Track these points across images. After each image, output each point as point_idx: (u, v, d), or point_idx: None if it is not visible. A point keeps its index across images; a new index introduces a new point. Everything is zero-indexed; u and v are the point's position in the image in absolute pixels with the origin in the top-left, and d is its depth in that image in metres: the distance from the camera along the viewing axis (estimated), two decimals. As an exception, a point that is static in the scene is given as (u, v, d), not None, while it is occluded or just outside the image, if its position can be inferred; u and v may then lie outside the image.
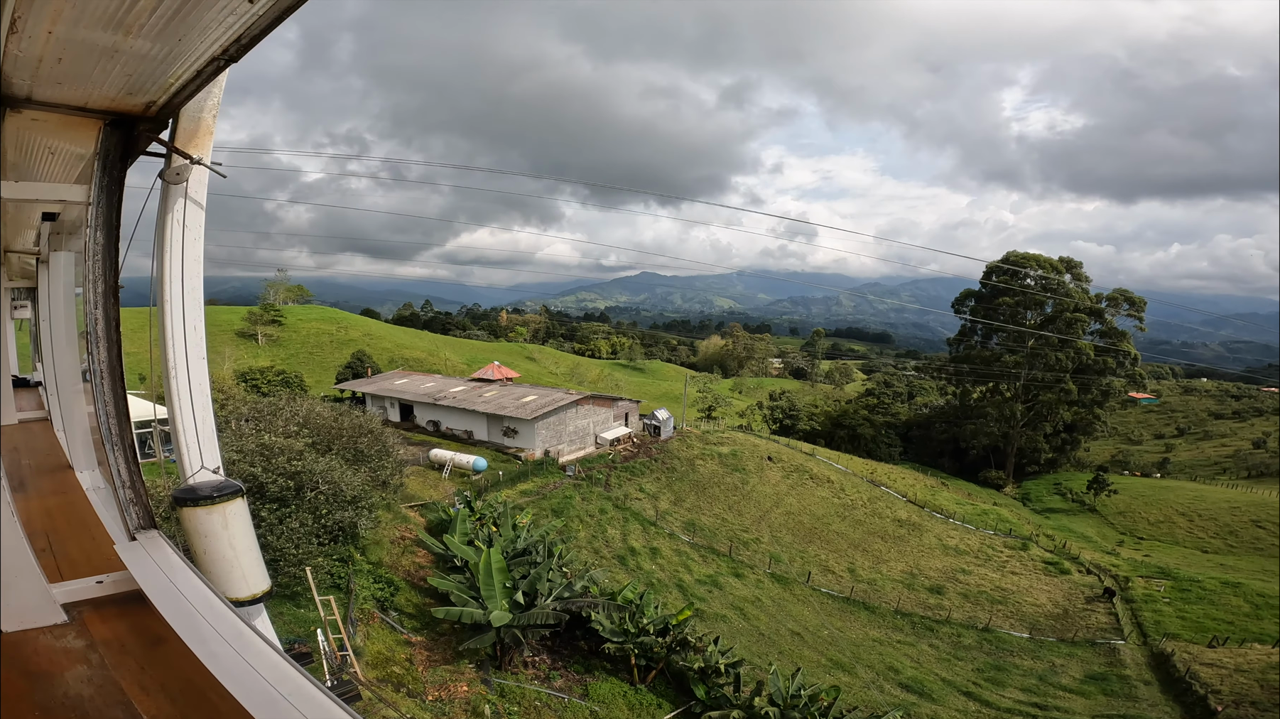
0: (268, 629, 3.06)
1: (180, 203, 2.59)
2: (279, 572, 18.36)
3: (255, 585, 2.73)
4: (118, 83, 2.19)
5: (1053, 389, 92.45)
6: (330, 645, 15.82)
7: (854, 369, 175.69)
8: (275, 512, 19.01)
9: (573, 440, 51.85)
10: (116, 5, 1.73)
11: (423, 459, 43.93)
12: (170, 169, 2.56)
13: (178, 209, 2.60)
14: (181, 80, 2.07)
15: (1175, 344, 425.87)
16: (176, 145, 2.53)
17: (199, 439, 2.68)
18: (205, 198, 2.64)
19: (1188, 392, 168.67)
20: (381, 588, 22.19)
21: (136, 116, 2.42)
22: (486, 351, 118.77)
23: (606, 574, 30.39)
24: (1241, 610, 42.72)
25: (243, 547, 2.68)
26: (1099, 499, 79.98)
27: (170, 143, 2.53)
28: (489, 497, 36.70)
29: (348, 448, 25.35)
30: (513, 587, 20.92)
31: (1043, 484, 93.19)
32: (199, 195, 2.62)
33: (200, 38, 1.78)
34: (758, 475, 56.48)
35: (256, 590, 2.74)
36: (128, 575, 2.35)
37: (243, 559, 2.67)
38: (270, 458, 20.17)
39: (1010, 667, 34.84)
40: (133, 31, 1.84)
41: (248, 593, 2.70)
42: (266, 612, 3.19)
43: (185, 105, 2.39)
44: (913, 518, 56.52)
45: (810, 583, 41.61)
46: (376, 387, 60.25)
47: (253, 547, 2.77)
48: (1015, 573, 48.42)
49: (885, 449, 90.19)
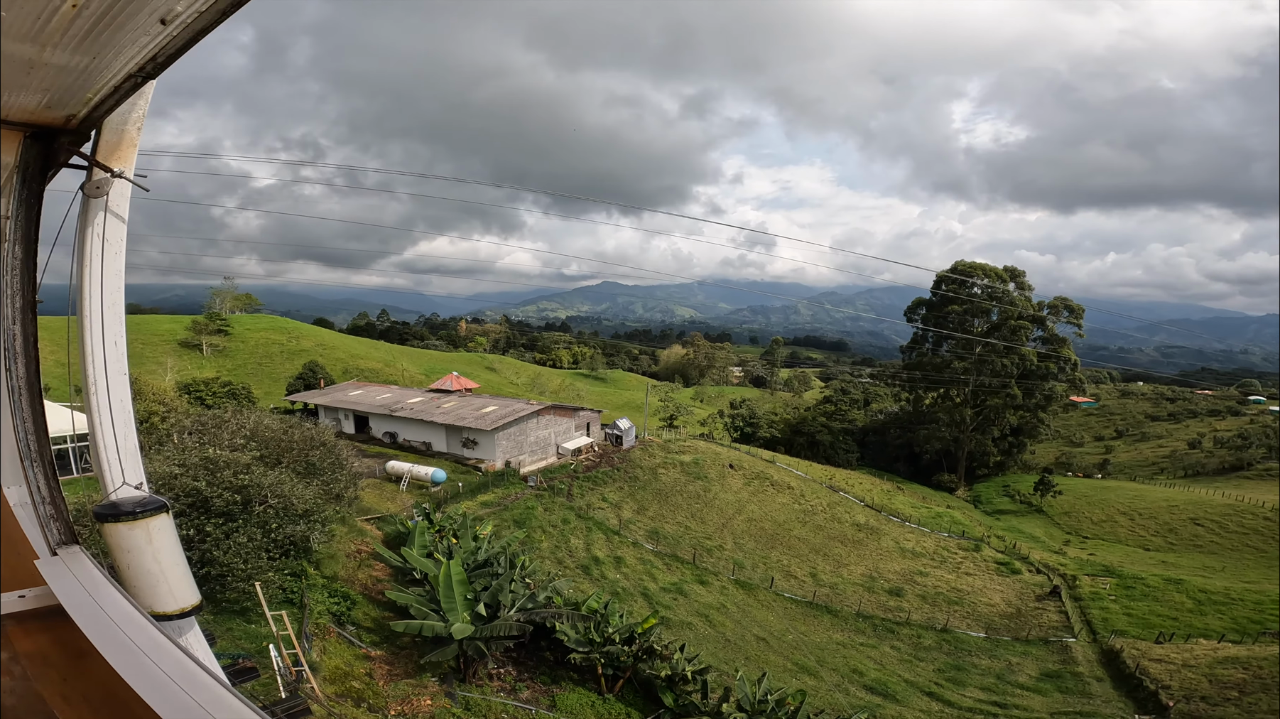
0: (200, 643, 3.02)
1: (101, 216, 2.56)
2: (227, 587, 17.83)
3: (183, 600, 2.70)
4: (37, 95, 2.18)
5: (999, 394, 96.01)
6: (285, 661, 15.40)
7: (812, 377, 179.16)
8: (221, 526, 18.42)
9: (534, 451, 51.45)
10: (33, 19, 1.74)
11: (379, 472, 43.00)
12: (91, 182, 2.52)
13: (98, 222, 2.57)
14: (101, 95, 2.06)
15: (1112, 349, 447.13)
16: (98, 158, 2.50)
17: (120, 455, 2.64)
18: (127, 211, 2.61)
19: (1125, 395, 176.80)
20: (337, 602, 21.67)
21: (57, 129, 2.39)
22: (445, 362, 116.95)
23: (571, 584, 30.23)
24: (1185, 607, 44.20)
25: (168, 561, 2.64)
26: (1045, 500, 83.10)
27: (92, 156, 2.50)
28: (449, 509, 36.14)
29: (298, 461, 24.64)
30: (474, 598, 20.68)
31: (992, 486, 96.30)
32: (120, 209, 2.59)
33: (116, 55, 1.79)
34: (720, 483, 56.96)
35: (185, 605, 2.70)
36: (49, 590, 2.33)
37: (169, 574, 2.64)
38: (215, 472, 19.53)
39: (969, 666, 35.69)
40: (50, 45, 1.85)
41: (175, 607, 2.66)
42: (199, 626, 3.14)
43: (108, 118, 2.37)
44: (871, 522, 57.72)
45: (773, 588, 42.09)
46: (330, 398, 58.74)
47: (179, 561, 2.73)
48: (970, 574, 49.80)
49: (843, 455, 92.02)
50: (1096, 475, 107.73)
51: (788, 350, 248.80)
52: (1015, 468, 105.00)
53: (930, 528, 60.20)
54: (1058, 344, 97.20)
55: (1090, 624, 41.88)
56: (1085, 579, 49.45)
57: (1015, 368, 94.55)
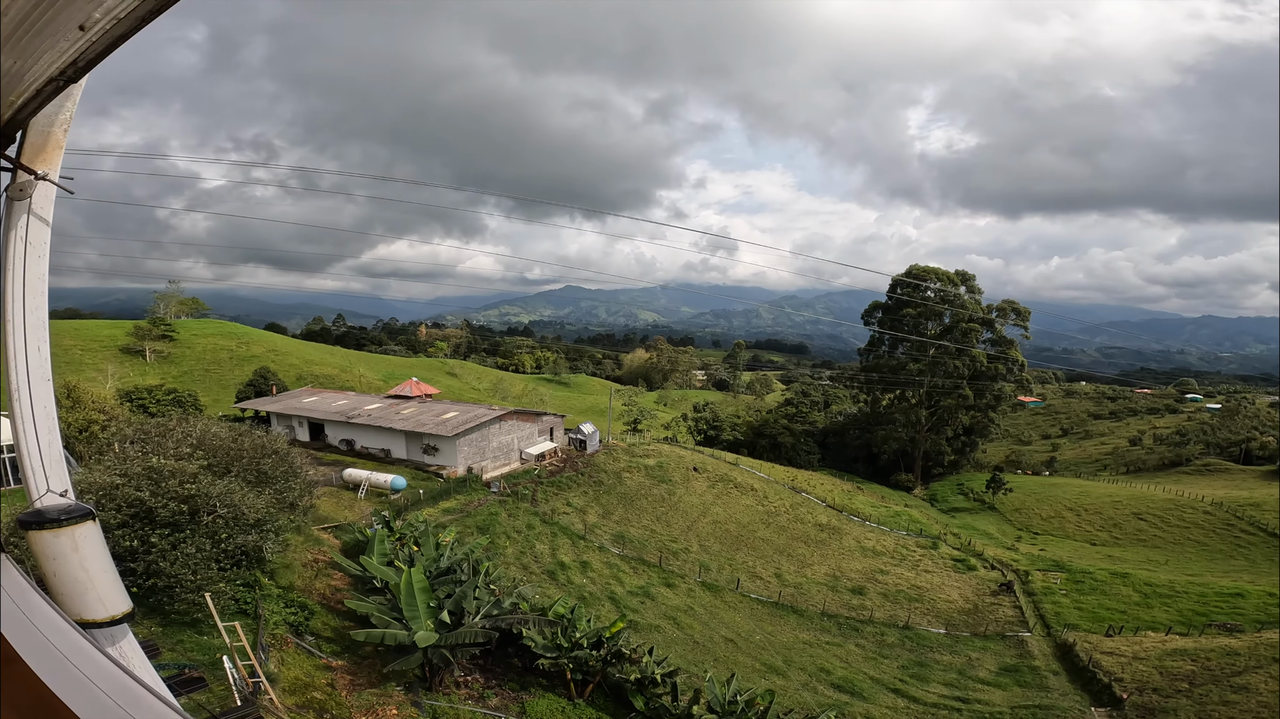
0: (135, 651, 2.97)
1: (25, 219, 2.49)
2: (176, 599, 17.35)
3: (114, 607, 2.63)
4: (-42, 98, 2.13)
5: (952, 395, 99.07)
6: (240, 673, 15.02)
7: (774, 380, 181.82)
8: (168, 537, 17.89)
9: (496, 456, 50.91)
10: None
11: (336, 480, 41.99)
12: (15, 184, 2.46)
13: (21, 225, 2.50)
14: (23, 98, 2.02)
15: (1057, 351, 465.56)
16: (23, 161, 2.44)
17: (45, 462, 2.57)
18: (52, 214, 2.55)
19: (1069, 395, 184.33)
20: (294, 612, 21.14)
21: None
22: (405, 367, 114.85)
23: (537, 590, 30.01)
24: (1132, 599, 45.69)
25: (96, 569, 2.58)
26: (997, 497, 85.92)
27: (16, 158, 2.44)
28: (409, 516, 35.50)
29: (249, 469, 23.92)
30: (437, 606, 20.40)
31: (947, 485, 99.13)
32: (45, 211, 2.53)
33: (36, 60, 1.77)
34: (684, 486, 57.28)
35: (115, 612, 2.64)
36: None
37: (97, 581, 2.57)
38: (160, 481, 18.92)
39: (932, 663, 36.39)
40: (-32, 50, 1.83)
41: (105, 614, 2.60)
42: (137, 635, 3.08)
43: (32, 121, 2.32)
44: (832, 522, 58.79)
45: (740, 589, 42.45)
46: (282, 405, 57.07)
47: (108, 569, 2.67)
48: (928, 571, 51.05)
49: (804, 456, 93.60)
50: (1044, 473, 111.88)
51: (750, 354, 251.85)
52: (968, 466, 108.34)
53: (890, 527, 61.61)
54: (1006, 346, 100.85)
55: (1044, 618, 42.92)
56: (1037, 574, 50.81)
57: (967, 369, 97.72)
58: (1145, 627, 40.33)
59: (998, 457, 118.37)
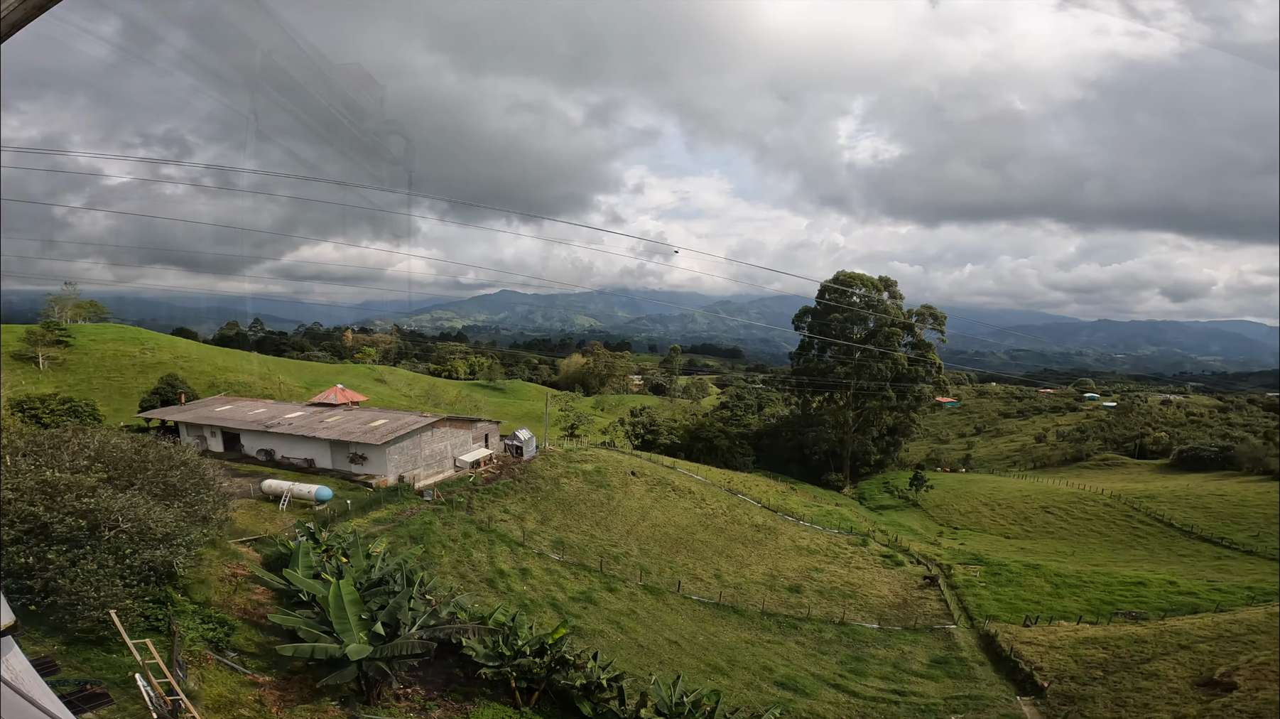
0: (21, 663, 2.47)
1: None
2: (78, 616, 16.20)
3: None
4: None
5: (877, 396, 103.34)
6: (156, 690, 13.83)
7: (709, 384, 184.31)
8: (65, 554, 16.52)
9: (429, 464, 49.09)
10: None
11: (255, 491, 39.37)
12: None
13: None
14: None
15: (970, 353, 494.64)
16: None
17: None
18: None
19: (981, 395, 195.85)
20: (212, 628, 19.68)
21: None
22: (330, 374, 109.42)
23: (475, 598, 29.00)
24: (1044, 590, 48.10)
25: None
26: (919, 495, 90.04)
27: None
28: (336, 527, 33.65)
29: (155, 482, 21.99)
30: (370, 618, 19.41)
31: (874, 484, 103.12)
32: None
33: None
34: (622, 490, 56.96)
35: None
36: None
37: (-26, 595, 2.08)
38: (55, 495, 17.24)
39: (868, 657, 37.20)
40: None
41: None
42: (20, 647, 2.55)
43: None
44: (768, 522, 59.84)
45: (681, 592, 42.41)
46: (193, 414, 53.12)
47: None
48: (860, 568, 52.62)
49: (740, 459, 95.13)
50: (961, 470, 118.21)
51: (686, 358, 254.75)
52: (893, 465, 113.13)
53: (822, 525, 63.33)
54: (925, 349, 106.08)
55: (967, 610, 44.65)
56: (958, 568, 53.02)
57: (890, 371, 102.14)
58: (1058, 616, 41.99)
59: (919, 455, 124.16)
